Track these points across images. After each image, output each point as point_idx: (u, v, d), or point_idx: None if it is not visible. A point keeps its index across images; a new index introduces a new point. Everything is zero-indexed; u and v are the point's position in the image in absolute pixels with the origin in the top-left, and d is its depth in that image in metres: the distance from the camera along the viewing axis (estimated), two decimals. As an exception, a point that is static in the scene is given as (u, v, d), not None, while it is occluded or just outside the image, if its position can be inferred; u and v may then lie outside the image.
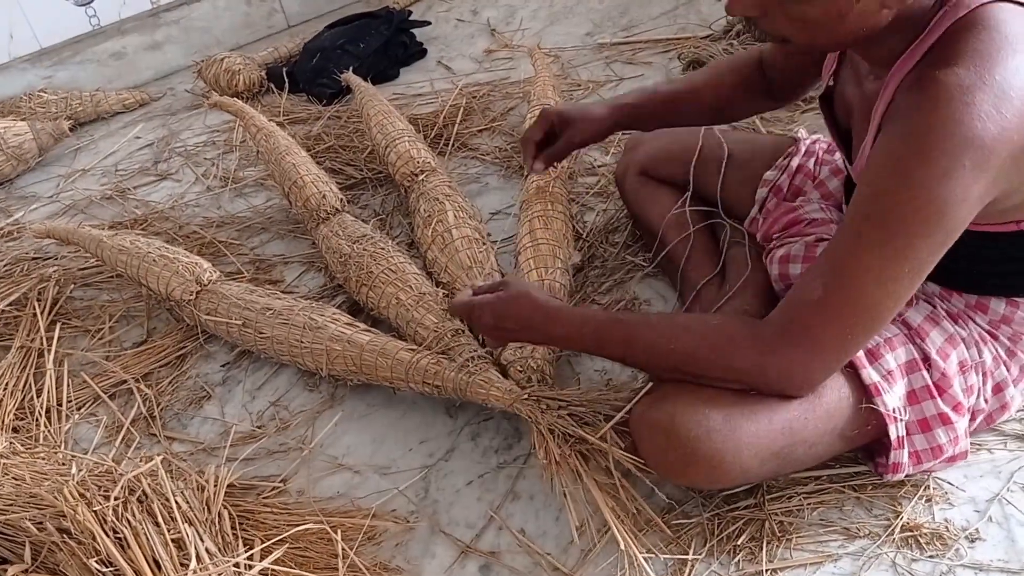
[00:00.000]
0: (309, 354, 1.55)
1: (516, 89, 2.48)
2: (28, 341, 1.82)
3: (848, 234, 1.00)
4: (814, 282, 1.02)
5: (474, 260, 1.66)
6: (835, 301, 1.00)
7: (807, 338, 1.02)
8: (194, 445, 1.55)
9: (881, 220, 0.96)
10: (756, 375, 1.06)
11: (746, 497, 1.24)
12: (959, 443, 1.14)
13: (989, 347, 1.17)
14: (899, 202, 0.94)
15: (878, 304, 0.99)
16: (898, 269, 0.96)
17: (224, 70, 2.76)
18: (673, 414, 1.08)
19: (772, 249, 1.42)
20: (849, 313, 1.00)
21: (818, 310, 1.01)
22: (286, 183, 1.96)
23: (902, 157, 0.94)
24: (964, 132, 0.90)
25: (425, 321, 1.54)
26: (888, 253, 0.96)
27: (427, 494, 1.37)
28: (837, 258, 1.00)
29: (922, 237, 0.95)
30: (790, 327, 1.03)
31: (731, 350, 1.06)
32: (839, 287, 0.99)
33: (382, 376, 1.46)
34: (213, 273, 1.77)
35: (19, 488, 1.34)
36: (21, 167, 2.60)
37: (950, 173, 0.91)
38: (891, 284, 0.97)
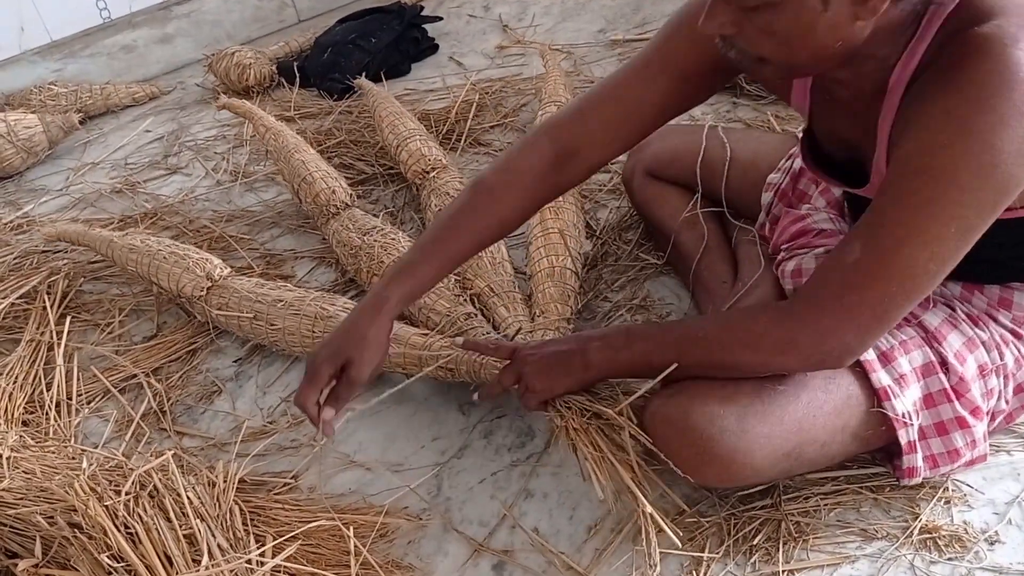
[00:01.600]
0: None
1: (528, 85, 2.47)
2: (38, 335, 1.82)
3: (892, 191, 0.94)
4: (852, 244, 0.96)
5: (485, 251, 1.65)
6: (874, 262, 0.94)
7: (840, 303, 0.97)
8: (205, 440, 1.54)
9: (931, 174, 0.90)
10: (788, 350, 1.02)
11: (762, 497, 1.22)
12: (977, 447, 1.12)
13: (1011, 348, 1.15)
14: (953, 154, 0.89)
15: (921, 267, 0.93)
16: (945, 229, 0.91)
17: (235, 64, 2.76)
18: (687, 413, 1.08)
19: (782, 261, 1.40)
20: (889, 275, 0.94)
21: (854, 272, 0.95)
22: (295, 180, 1.96)
23: (955, 108, 0.89)
24: (1021, 78, 0.86)
25: (437, 306, 1.53)
26: (935, 211, 0.91)
27: (440, 491, 1.36)
28: (879, 218, 0.95)
29: (974, 192, 0.90)
30: (822, 293, 0.98)
31: (759, 328, 1.03)
32: (880, 247, 0.94)
33: (395, 363, 1.45)
34: (224, 269, 1.76)
35: (29, 482, 1.33)
36: (31, 160, 2.60)
37: (1007, 121, 0.87)
38: (936, 245, 0.92)
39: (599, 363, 1.15)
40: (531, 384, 1.18)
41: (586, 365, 1.16)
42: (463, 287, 1.58)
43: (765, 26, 0.93)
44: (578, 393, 1.20)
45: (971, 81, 0.88)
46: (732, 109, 2.16)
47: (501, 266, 1.62)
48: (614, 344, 1.15)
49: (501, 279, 1.58)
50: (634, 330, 1.16)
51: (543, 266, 1.57)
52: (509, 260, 1.67)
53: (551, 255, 1.59)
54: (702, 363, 1.09)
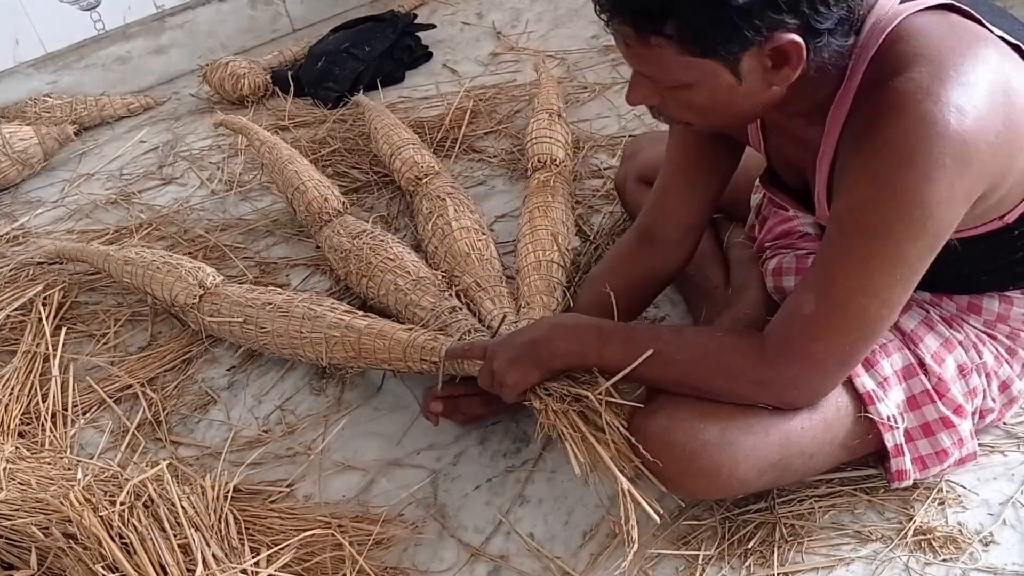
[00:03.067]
0: (309, 344, 1.54)
1: (522, 92, 2.47)
2: (33, 346, 1.82)
3: (833, 249, 0.98)
4: (806, 295, 1.00)
5: (471, 247, 1.66)
6: (829, 315, 0.98)
7: (805, 352, 1.01)
8: (200, 450, 1.54)
9: (866, 231, 0.94)
10: (760, 389, 1.05)
11: (757, 500, 1.23)
12: (964, 445, 1.13)
13: (988, 347, 1.16)
14: (884, 211, 0.92)
15: (872, 314, 0.97)
16: (889, 277, 0.95)
17: (229, 74, 2.76)
18: (669, 427, 1.08)
19: (765, 259, 1.41)
20: (843, 326, 0.98)
21: (813, 324, 0.99)
22: (289, 190, 1.97)
23: (880, 167, 0.92)
24: (939, 130, 0.88)
25: (422, 302, 1.54)
26: (877, 264, 0.94)
27: (435, 498, 1.36)
28: (825, 272, 0.99)
29: (911, 242, 0.93)
30: (788, 341, 1.02)
31: (734, 366, 1.05)
32: (832, 301, 0.98)
33: (381, 359, 1.45)
34: (216, 277, 1.77)
35: (25, 493, 1.33)
36: (26, 172, 2.60)
37: (931, 174, 0.89)
38: (884, 293, 0.96)
39: (565, 355, 1.15)
40: (503, 380, 1.18)
41: (552, 355, 1.16)
42: (449, 283, 1.59)
43: (684, 101, 0.98)
44: (557, 379, 1.19)
45: (891, 141, 0.91)
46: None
47: (488, 263, 1.63)
48: (585, 343, 1.14)
49: (488, 274, 1.59)
50: (607, 332, 1.15)
51: (530, 260, 1.59)
52: (498, 258, 1.68)
53: (538, 250, 1.60)
54: (673, 382, 1.10)
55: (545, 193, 1.77)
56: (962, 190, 0.91)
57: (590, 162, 2.10)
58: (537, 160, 1.90)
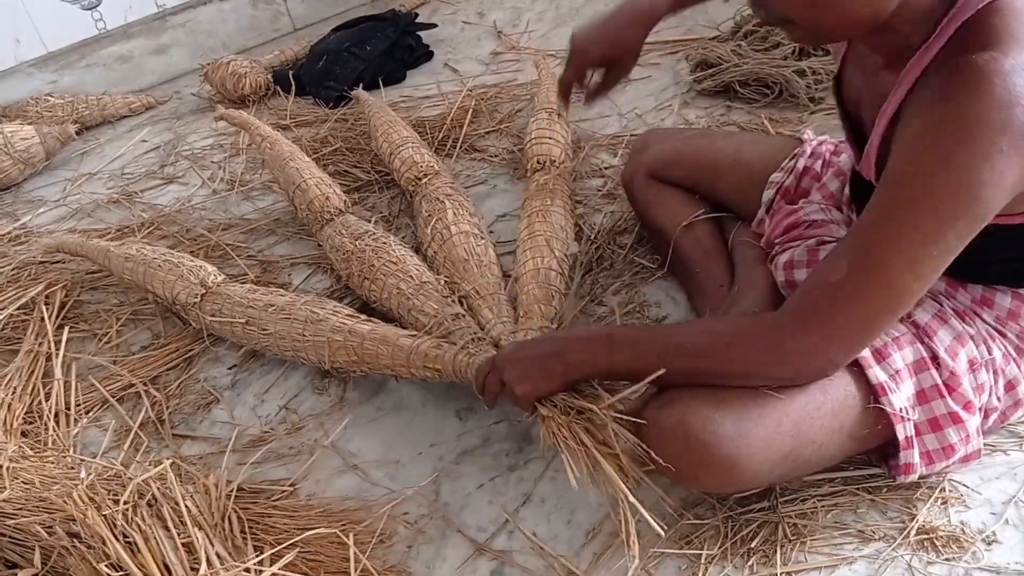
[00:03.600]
0: (312, 347, 1.54)
1: (523, 91, 2.47)
2: (36, 345, 1.82)
3: (878, 215, 0.98)
4: (837, 263, 1.00)
5: (470, 253, 1.66)
6: (860, 282, 0.98)
7: (827, 320, 1.00)
8: (203, 449, 1.54)
9: (915, 202, 0.94)
10: (774, 362, 1.04)
11: (759, 500, 1.23)
12: (971, 442, 1.13)
13: (998, 344, 1.16)
14: (935, 184, 0.93)
15: (904, 286, 0.97)
16: (927, 251, 0.95)
17: (230, 73, 2.76)
18: (683, 419, 1.07)
19: (775, 254, 1.41)
20: (873, 295, 0.98)
21: (840, 291, 0.99)
22: (290, 188, 1.97)
23: (939, 140, 0.92)
24: (1004, 117, 0.89)
25: (426, 308, 1.54)
26: (919, 236, 0.95)
27: (438, 497, 1.36)
28: (864, 238, 0.98)
29: (954, 219, 0.93)
30: (808, 309, 1.01)
31: (747, 340, 1.05)
32: (865, 268, 0.97)
33: (384, 364, 1.46)
34: (217, 276, 1.77)
35: (28, 492, 1.33)
36: (28, 171, 2.60)
37: (989, 157, 0.90)
38: (919, 267, 0.96)
39: (578, 366, 1.15)
40: (514, 389, 1.18)
41: (566, 368, 1.15)
42: (451, 289, 1.59)
43: None
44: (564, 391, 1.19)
45: (958, 116, 0.91)
46: (726, 113, 2.17)
47: (488, 268, 1.63)
48: (595, 350, 1.14)
49: (487, 281, 1.59)
50: (616, 336, 1.15)
51: (528, 268, 1.58)
52: (497, 263, 1.68)
53: (536, 257, 1.60)
54: (688, 373, 1.09)
55: (544, 196, 1.76)
56: (1011, 179, 0.92)
57: (591, 161, 2.10)
58: (536, 161, 1.90)
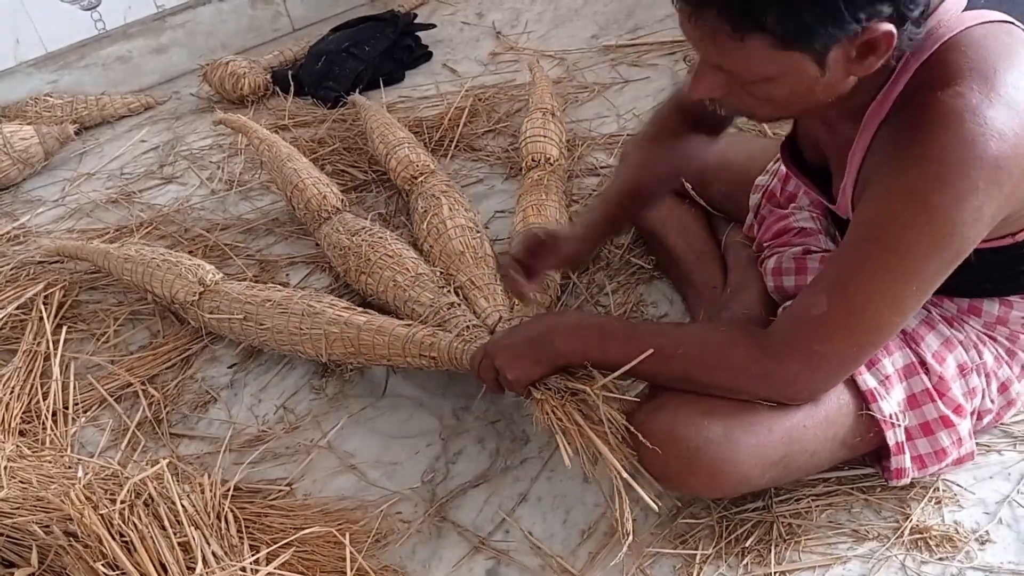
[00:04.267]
0: (309, 340, 1.55)
1: (521, 92, 2.48)
2: (34, 345, 1.82)
3: (855, 254, 0.99)
4: (818, 297, 1.01)
5: (466, 246, 1.67)
6: (840, 318, 0.99)
7: (809, 351, 1.01)
8: (200, 448, 1.55)
9: (892, 244, 0.95)
10: (760, 385, 1.05)
11: (754, 499, 1.23)
12: (963, 445, 1.13)
13: (989, 348, 1.16)
14: (912, 226, 0.93)
15: (884, 321, 0.99)
16: (906, 288, 0.96)
17: (229, 74, 2.77)
18: (672, 424, 1.08)
19: (764, 259, 1.41)
20: (854, 329, 0.99)
21: (821, 325, 1.00)
22: (288, 188, 1.98)
23: (914, 181, 0.92)
24: (979, 153, 0.89)
25: (421, 298, 1.55)
26: (897, 275, 0.96)
27: (434, 497, 1.36)
28: (843, 276, 0.99)
29: (933, 258, 0.94)
30: (793, 340, 1.03)
31: (736, 359, 1.05)
32: (845, 306, 0.98)
33: (380, 355, 1.46)
34: (216, 274, 1.77)
35: (26, 491, 1.34)
36: (27, 171, 2.61)
37: (965, 195, 0.90)
38: (898, 302, 0.97)
39: (568, 353, 1.16)
40: (506, 374, 1.19)
41: (555, 354, 1.16)
42: (447, 280, 1.60)
43: (760, 94, 0.97)
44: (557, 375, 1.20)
45: (929, 157, 0.91)
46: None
47: (484, 260, 1.64)
48: (587, 340, 1.15)
49: (483, 272, 1.60)
50: (608, 329, 1.15)
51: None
52: (493, 256, 1.68)
53: None
54: (677, 378, 1.10)
55: (539, 191, 1.78)
56: (989, 212, 0.92)
57: (587, 160, 2.10)
58: (531, 159, 1.91)
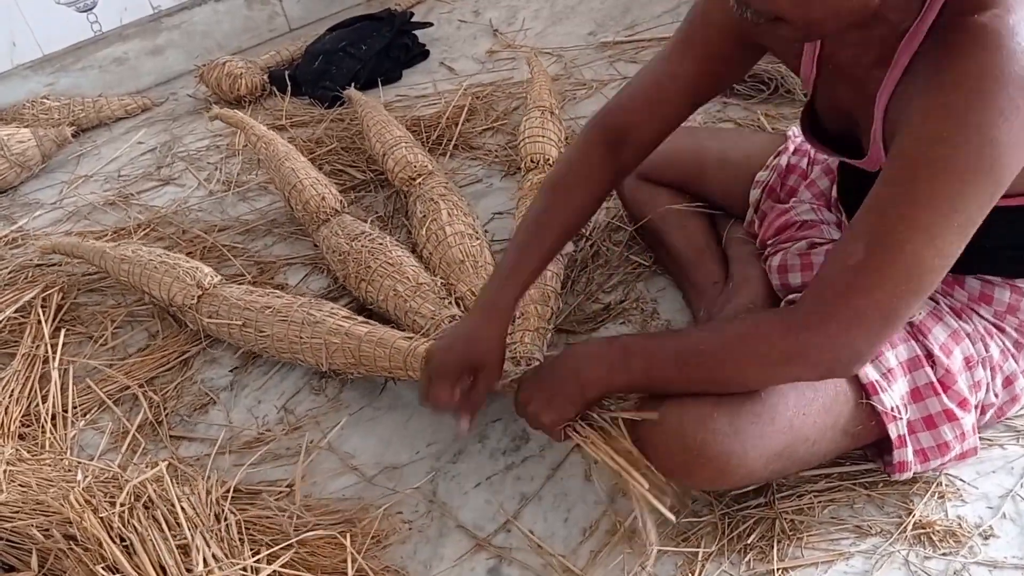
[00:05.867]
0: (309, 349, 1.54)
1: (519, 89, 2.47)
2: (33, 348, 1.82)
3: (893, 189, 0.93)
4: (853, 245, 0.94)
5: (466, 254, 1.66)
6: (880, 262, 0.92)
7: (848, 307, 0.95)
8: (200, 450, 1.54)
9: (933, 170, 0.90)
10: (796, 363, 1.00)
11: (756, 496, 1.23)
12: (966, 440, 1.12)
13: (996, 340, 1.15)
14: (954, 148, 0.89)
15: (927, 263, 0.92)
16: (949, 223, 0.90)
17: (226, 74, 2.76)
18: (679, 417, 1.07)
19: (768, 256, 1.41)
20: (896, 274, 0.92)
21: (860, 274, 0.93)
22: (286, 188, 1.97)
23: (953, 101, 0.89)
24: (1019, 70, 0.86)
25: (422, 310, 1.54)
26: (939, 205, 0.90)
27: (435, 496, 1.36)
28: (880, 216, 0.93)
29: (975, 185, 0.89)
30: (827, 299, 0.96)
31: (764, 338, 1.01)
32: (885, 246, 0.92)
33: (381, 367, 1.46)
34: (214, 277, 1.77)
35: (25, 495, 1.33)
36: (25, 174, 2.60)
37: (1006, 114, 0.87)
38: (940, 241, 0.91)
39: (594, 381, 1.13)
40: (542, 422, 1.16)
41: (583, 388, 1.13)
42: (448, 290, 1.59)
43: None
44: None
45: (969, 74, 0.88)
46: (722, 109, 2.17)
47: (484, 269, 1.63)
48: (610, 363, 1.11)
49: (483, 282, 1.58)
50: (630, 347, 1.12)
51: None
52: (492, 263, 1.67)
53: None
54: (704, 379, 1.07)
55: None
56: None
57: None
58: (530, 159, 1.89)
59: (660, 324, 1.58)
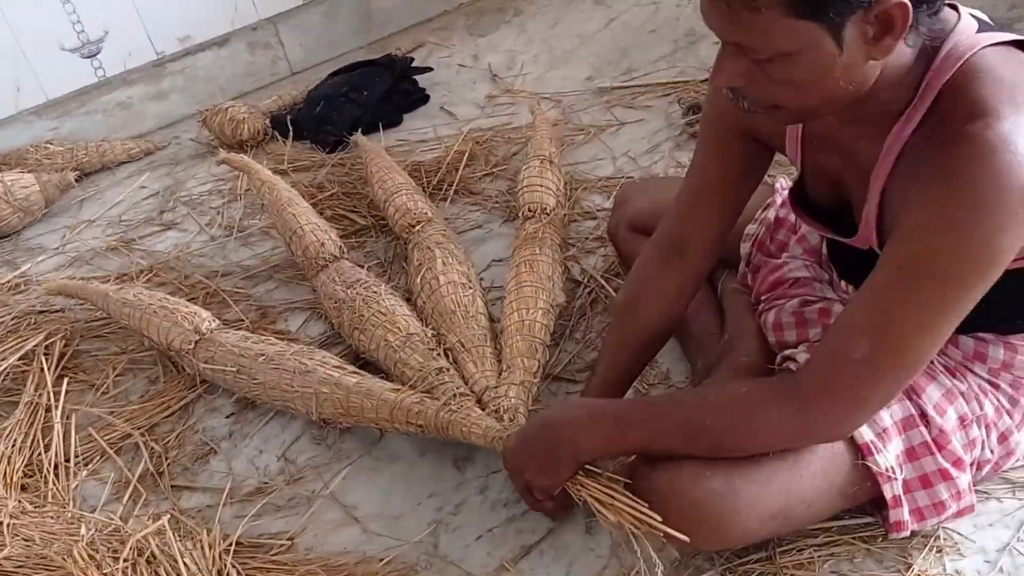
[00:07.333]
0: (299, 398, 1.56)
1: (518, 134, 2.50)
2: (36, 396, 1.83)
3: (895, 292, 0.98)
4: (858, 339, 1.00)
5: (458, 304, 1.66)
6: (886, 361, 1.00)
7: (854, 395, 1.02)
8: (202, 501, 1.55)
9: (937, 279, 0.96)
10: (801, 438, 1.07)
11: (757, 550, 1.23)
12: (962, 498, 1.13)
13: (991, 398, 1.17)
14: (958, 260, 0.94)
15: (925, 353, 1.00)
16: (949, 318, 0.98)
17: (228, 119, 2.78)
18: (674, 476, 1.09)
19: (763, 311, 1.42)
20: (896, 368, 1.00)
21: (866, 368, 1.00)
22: (287, 233, 1.99)
23: (954, 214, 0.93)
24: (1014, 181, 0.90)
25: (411, 361, 1.55)
26: (942, 308, 0.97)
27: (437, 549, 1.37)
28: (885, 316, 0.99)
29: (977, 286, 0.96)
30: (837, 388, 1.02)
31: (771, 420, 1.06)
32: (890, 345, 0.99)
33: (368, 418, 1.48)
34: (212, 322, 1.78)
35: (29, 549, 1.34)
36: (28, 219, 2.62)
37: (1005, 225, 0.92)
38: (940, 334, 0.99)
39: (590, 450, 1.16)
40: (537, 486, 1.21)
41: (577, 451, 1.16)
42: (438, 341, 1.60)
43: (780, 75, 0.96)
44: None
45: (966, 190, 0.92)
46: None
47: (475, 319, 1.63)
48: (606, 434, 1.14)
49: (473, 333, 1.59)
50: (624, 416, 1.15)
51: (513, 320, 1.59)
52: (485, 313, 1.68)
53: (521, 308, 1.60)
54: (707, 448, 1.09)
55: (533, 246, 1.75)
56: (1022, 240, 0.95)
57: (583, 204, 2.12)
58: (528, 209, 1.88)
59: (659, 373, 1.59)
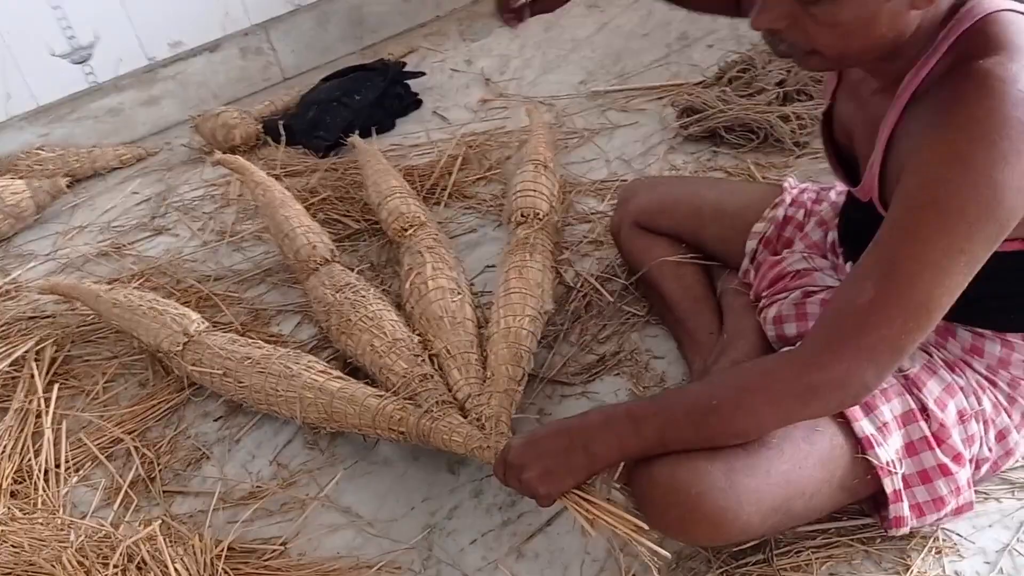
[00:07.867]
0: (284, 402, 1.55)
1: (511, 138, 2.49)
2: (26, 403, 1.81)
3: (901, 229, 0.96)
4: (861, 284, 0.97)
5: (445, 311, 1.64)
6: (890, 301, 0.95)
7: (858, 345, 0.97)
8: (194, 506, 1.53)
9: (940, 209, 0.93)
10: (810, 399, 1.01)
11: (754, 552, 1.22)
12: (961, 494, 1.13)
13: (988, 394, 1.16)
14: (960, 189, 0.92)
15: (934, 300, 0.95)
16: (956, 262, 0.94)
17: (221, 124, 2.77)
18: (673, 471, 1.07)
19: (763, 308, 1.41)
20: (906, 311, 0.95)
21: (870, 312, 0.96)
22: (279, 236, 1.98)
23: (956, 145, 0.92)
24: (1021, 116, 0.89)
25: (395, 367, 1.53)
26: (946, 244, 0.93)
27: (431, 553, 1.35)
28: (888, 255, 0.96)
29: (981, 224, 0.92)
30: (835, 336, 0.99)
31: (778, 384, 1.02)
32: (894, 285, 0.95)
33: (351, 423, 1.46)
34: (201, 324, 1.77)
35: (18, 556, 1.33)
36: (19, 225, 2.60)
37: (1009, 158, 0.90)
38: (947, 278, 0.94)
39: (605, 454, 1.11)
40: (536, 491, 1.13)
41: (591, 460, 1.11)
42: (424, 347, 1.58)
43: (827, 19, 0.95)
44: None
45: (973, 119, 0.91)
46: (712, 158, 2.19)
47: (462, 326, 1.61)
48: (620, 433, 1.09)
49: (459, 339, 1.57)
50: (637, 412, 1.10)
51: (500, 327, 1.56)
52: (473, 320, 1.66)
53: (508, 316, 1.58)
54: (721, 433, 1.06)
55: (523, 252, 1.72)
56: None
57: (577, 207, 2.11)
58: (520, 214, 1.85)
59: (655, 375, 1.59)
